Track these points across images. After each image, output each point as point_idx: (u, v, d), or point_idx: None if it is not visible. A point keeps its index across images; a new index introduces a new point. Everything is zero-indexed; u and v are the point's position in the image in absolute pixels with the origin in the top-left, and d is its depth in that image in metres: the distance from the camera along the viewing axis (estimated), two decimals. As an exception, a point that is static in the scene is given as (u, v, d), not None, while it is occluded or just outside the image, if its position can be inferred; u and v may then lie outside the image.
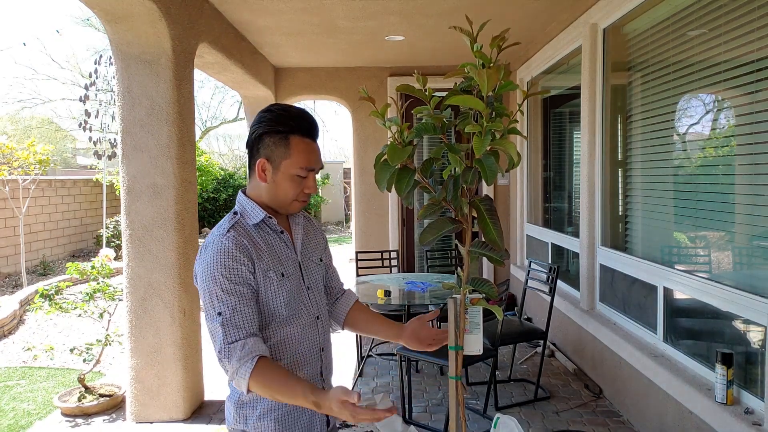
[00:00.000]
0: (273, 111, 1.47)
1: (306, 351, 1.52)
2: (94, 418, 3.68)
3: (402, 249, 6.91)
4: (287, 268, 1.50)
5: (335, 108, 23.11)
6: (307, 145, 1.46)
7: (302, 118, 1.47)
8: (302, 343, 1.51)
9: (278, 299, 1.46)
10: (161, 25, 3.36)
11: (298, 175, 1.46)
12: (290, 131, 1.44)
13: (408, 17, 4.56)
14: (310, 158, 1.46)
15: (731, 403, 2.49)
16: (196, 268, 1.45)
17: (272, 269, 1.45)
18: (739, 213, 2.64)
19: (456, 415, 1.37)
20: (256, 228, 1.49)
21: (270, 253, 1.47)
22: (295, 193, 1.48)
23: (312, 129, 1.48)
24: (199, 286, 1.43)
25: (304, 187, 1.48)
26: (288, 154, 1.44)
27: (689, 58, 2.96)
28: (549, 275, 4.07)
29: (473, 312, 1.44)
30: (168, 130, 3.48)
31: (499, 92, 1.30)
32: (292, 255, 1.54)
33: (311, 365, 1.54)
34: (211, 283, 1.39)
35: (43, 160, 7.91)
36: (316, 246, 1.66)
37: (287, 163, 1.45)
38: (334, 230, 16.34)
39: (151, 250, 3.51)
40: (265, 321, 1.45)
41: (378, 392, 4.04)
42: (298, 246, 1.57)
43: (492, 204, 1.37)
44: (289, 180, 1.46)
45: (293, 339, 1.49)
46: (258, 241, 1.46)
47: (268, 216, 1.49)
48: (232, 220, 1.48)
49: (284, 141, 1.44)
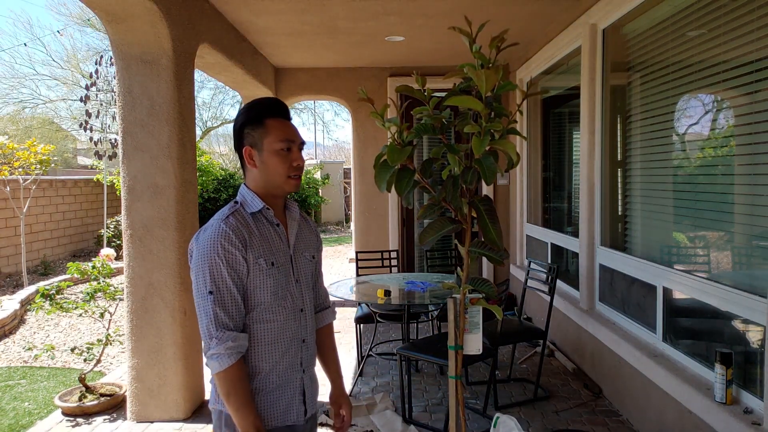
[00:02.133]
0: (247, 105, 1.60)
1: (287, 340, 1.60)
2: (94, 417, 3.69)
3: (402, 249, 6.91)
4: (278, 258, 1.59)
5: (335, 108, 23.12)
6: (282, 122, 1.58)
7: (272, 103, 1.60)
8: (284, 332, 1.59)
9: (265, 286, 1.54)
10: (162, 26, 3.37)
11: (281, 149, 1.55)
12: (263, 116, 1.57)
13: (408, 18, 4.57)
14: (287, 131, 1.57)
15: (730, 403, 2.49)
16: (193, 247, 1.54)
17: (263, 257, 1.54)
18: (739, 213, 2.64)
19: (456, 414, 1.38)
20: (254, 217, 1.58)
21: (263, 242, 1.56)
22: (285, 168, 1.56)
23: (283, 110, 1.61)
24: (193, 263, 1.52)
25: (292, 160, 1.57)
26: (266, 133, 1.55)
27: (689, 58, 2.97)
28: (548, 275, 4.08)
29: (473, 312, 1.45)
30: (168, 130, 3.49)
31: (498, 92, 1.31)
32: (284, 248, 1.62)
33: (291, 355, 1.61)
34: (206, 261, 1.48)
35: (44, 160, 7.91)
36: (309, 243, 1.73)
37: (268, 141, 1.55)
38: (334, 230, 16.33)
39: (152, 250, 3.52)
40: (251, 305, 1.54)
41: (378, 392, 4.05)
42: (291, 240, 1.65)
43: (491, 204, 1.38)
44: (275, 156, 1.55)
45: (275, 327, 1.57)
46: (254, 229, 1.55)
47: (266, 207, 1.58)
48: (232, 208, 1.57)
49: (261, 125, 1.56)
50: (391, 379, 4.31)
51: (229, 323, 1.48)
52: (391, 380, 4.29)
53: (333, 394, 1.83)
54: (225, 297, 1.48)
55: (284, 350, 1.59)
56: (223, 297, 1.48)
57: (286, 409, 1.60)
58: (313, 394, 1.71)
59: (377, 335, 5.37)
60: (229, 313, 1.48)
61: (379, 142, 6.66)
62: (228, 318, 1.48)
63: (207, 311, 1.48)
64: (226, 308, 1.48)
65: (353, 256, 6.06)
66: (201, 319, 1.49)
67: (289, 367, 1.61)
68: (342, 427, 1.79)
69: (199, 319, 1.51)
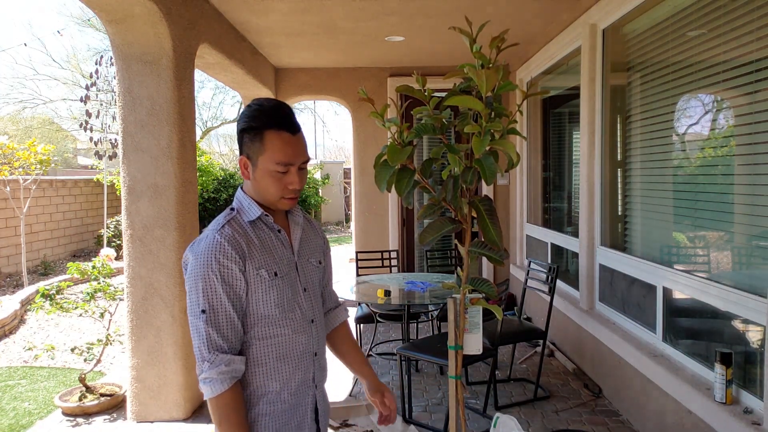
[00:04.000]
0: (250, 107, 1.43)
1: (298, 355, 1.48)
2: (94, 417, 3.69)
3: (402, 249, 6.91)
4: (281, 268, 1.46)
5: (335, 108, 23.13)
6: (282, 139, 1.40)
7: (276, 111, 1.41)
8: (294, 346, 1.47)
9: (268, 299, 1.42)
10: (162, 26, 3.37)
11: (276, 170, 1.40)
12: (264, 126, 1.40)
13: (408, 18, 4.57)
14: (286, 152, 1.40)
15: (730, 403, 2.49)
16: (187, 259, 1.42)
17: (264, 267, 1.42)
18: (739, 213, 2.64)
19: (456, 414, 1.38)
20: (252, 225, 1.46)
21: (264, 251, 1.44)
22: (277, 189, 1.42)
23: (286, 121, 1.41)
24: (186, 278, 1.40)
25: (287, 183, 1.42)
26: (263, 150, 1.40)
27: (689, 58, 2.97)
28: (548, 275, 4.08)
29: (473, 312, 1.45)
30: (168, 130, 3.49)
31: (499, 92, 1.31)
32: (287, 254, 1.50)
33: (303, 370, 1.49)
34: (199, 277, 1.36)
35: (44, 160, 7.91)
36: (315, 248, 1.61)
37: (263, 158, 1.40)
38: (334, 230, 16.34)
39: (152, 250, 3.52)
40: (253, 320, 1.42)
41: (378, 392, 4.06)
42: (295, 246, 1.53)
43: (491, 204, 1.38)
44: (267, 176, 1.41)
45: (283, 342, 1.45)
46: (252, 238, 1.43)
47: (264, 213, 1.46)
48: (228, 216, 1.45)
49: (259, 137, 1.40)
50: (391, 379, 4.31)
51: (222, 345, 1.36)
52: (391, 380, 4.29)
53: (371, 387, 1.69)
54: (219, 316, 1.36)
55: (295, 366, 1.47)
56: (217, 316, 1.36)
57: (297, 429, 1.49)
58: (325, 411, 1.61)
59: (377, 335, 5.38)
60: (224, 333, 1.37)
61: (379, 142, 6.66)
62: (222, 339, 1.36)
63: (199, 331, 1.36)
64: (220, 328, 1.36)
65: (353, 256, 6.06)
66: (193, 339, 1.38)
67: (301, 384, 1.49)
68: (390, 415, 1.68)
69: (192, 335, 1.39)
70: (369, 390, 1.69)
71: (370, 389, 1.69)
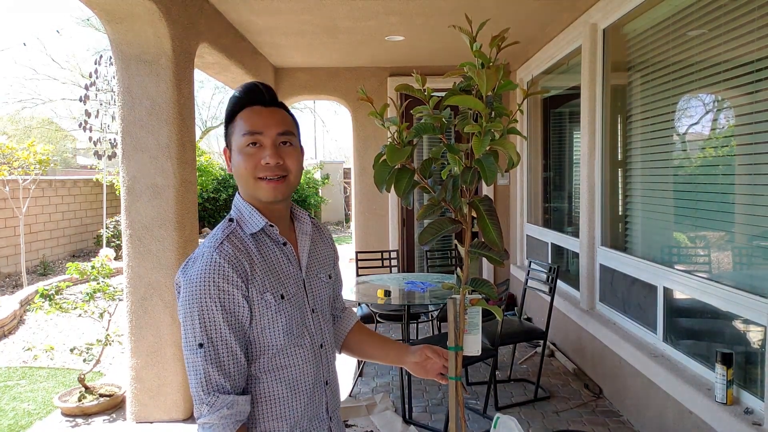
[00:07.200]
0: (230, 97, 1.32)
1: (309, 386, 1.29)
2: (94, 418, 3.69)
3: (402, 249, 6.91)
4: (288, 289, 1.27)
5: (335, 108, 23.13)
6: (252, 112, 1.26)
7: (247, 89, 1.29)
8: (304, 376, 1.28)
9: (276, 326, 1.23)
10: (161, 26, 3.36)
11: (246, 144, 1.24)
12: (238, 108, 1.28)
13: (408, 17, 4.56)
14: (254, 121, 1.25)
15: (731, 403, 2.49)
16: (180, 281, 1.22)
17: (269, 290, 1.22)
18: (739, 213, 2.64)
19: (456, 415, 1.37)
20: (254, 238, 1.26)
21: (268, 271, 1.24)
22: (250, 168, 1.24)
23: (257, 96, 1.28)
24: (180, 304, 1.20)
25: (260, 158, 1.24)
26: (235, 129, 1.27)
27: (689, 58, 2.96)
28: (549, 275, 4.07)
29: (472, 312, 1.44)
30: (168, 130, 3.48)
31: (499, 92, 1.30)
32: (294, 272, 1.31)
33: (315, 402, 1.31)
34: (195, 305, 1.16)
35: (43, 160, 7.91)
36: (324, 260, 1.43)
37: (236, 138, 1.26)
38: (334, 230, 16.34)
39: (152, 250, 3.51)
40: (258, 351, 1.23)
41: (378, 392, 4.05)
42: (303, 261, 1.34)
43: (491, 204, 1.37)
44: (238, 154, 1.25)
45: (293, 372, 1.26)
46: (255, 255, 1.23)
47: (269, 224, 1.27)
48: (226, 230, 1.25)
49: (232, 121, 1.29)
50: (391, 380, 4.31)
51: (224, 384, 1.16)
52: (391, 380, 4.29)
53: (416, 353, 1.47)
54: (220, 350, 1.16)
55: (307, 401, 1.28)
56: (217, 350, 1.16)
57: None
58: None
59: (377, 335, 5.36)
60: (225, 370, 1.17)
61: (379, 142, 6.66)
62: (223, 377, 1.16)
63: (197, 369, 1.16)
64: (221, 365, 1.16)
65: (353, 256, 6.05)
66: (189, 377, 1.18)
67: (314, 418, 1.31)
68: (440, 358, 1.45)
69: (188, 372, 1.19)
70: (415, 357, 1.47)
71: (415, 355, 1.47)
